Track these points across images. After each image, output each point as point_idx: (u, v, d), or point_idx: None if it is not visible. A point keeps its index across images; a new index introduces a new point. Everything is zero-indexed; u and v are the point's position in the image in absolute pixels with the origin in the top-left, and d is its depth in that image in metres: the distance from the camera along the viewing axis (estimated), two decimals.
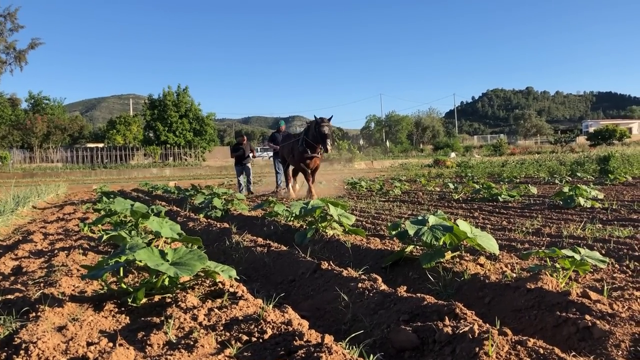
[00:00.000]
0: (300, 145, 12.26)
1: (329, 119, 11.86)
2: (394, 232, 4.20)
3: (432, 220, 3.73)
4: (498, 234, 5.39)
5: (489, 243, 3.53)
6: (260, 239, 5.19)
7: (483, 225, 6.16)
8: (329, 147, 11.60)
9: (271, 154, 16.03)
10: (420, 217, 3.84)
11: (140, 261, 3.11)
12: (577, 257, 2.92)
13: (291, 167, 13.46)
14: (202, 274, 3.31)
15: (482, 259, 3.64)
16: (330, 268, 3.57)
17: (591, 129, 67.50)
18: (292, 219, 6.30)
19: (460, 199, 10.25)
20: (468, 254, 3.82)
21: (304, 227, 5.63)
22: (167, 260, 3.04)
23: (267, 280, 4.06)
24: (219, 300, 2.92)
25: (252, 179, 15.62)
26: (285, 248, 4.62)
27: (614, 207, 7.40)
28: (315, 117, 11.87)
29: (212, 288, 3.28)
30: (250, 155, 15.45)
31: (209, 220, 7.38)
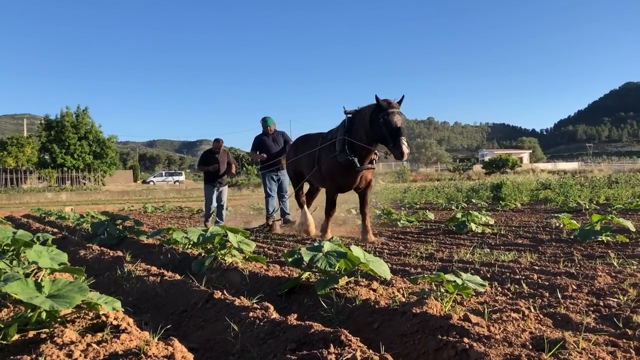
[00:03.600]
0: (341, 153, 7.30)
1: (399, 102, 6.84)
2: (290, 259, 4.18)
3: (327, 246, 3.76)
4: (394, 259, 5.54)
5: (381, 268, 3.60)
6: (154, 268, 4.98)
7: (381, 250, 6.31)
8: (405, 150, 6.48)
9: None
10: (315, 244, 3.85)
11: (16, 294, 2.88)
12: (459, 281, 3.05)
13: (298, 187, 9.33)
14: (85, 307, 3.11)
15: (375, 284, 3.70)
16: (223, 297, 3.48)
17: (487, 158, 71.84)
18: (190, 246, 6.12)
19: None
20: (364, 279, 3.87)
21: (203, 254, 5.49)
22: (44, 293, 2.84)
23: (158, 311, 3.90)
24: (100, 334, 2.74)
25: (225, 206, 10.77)
26: (180, 277, 4.47)
27: (502, 233, 7.85)
28: (377, 97, 6.73)
29: (95, 321, 3.08)
30: (227, 172, 10.43)
31: (103, 248, 7.01)
